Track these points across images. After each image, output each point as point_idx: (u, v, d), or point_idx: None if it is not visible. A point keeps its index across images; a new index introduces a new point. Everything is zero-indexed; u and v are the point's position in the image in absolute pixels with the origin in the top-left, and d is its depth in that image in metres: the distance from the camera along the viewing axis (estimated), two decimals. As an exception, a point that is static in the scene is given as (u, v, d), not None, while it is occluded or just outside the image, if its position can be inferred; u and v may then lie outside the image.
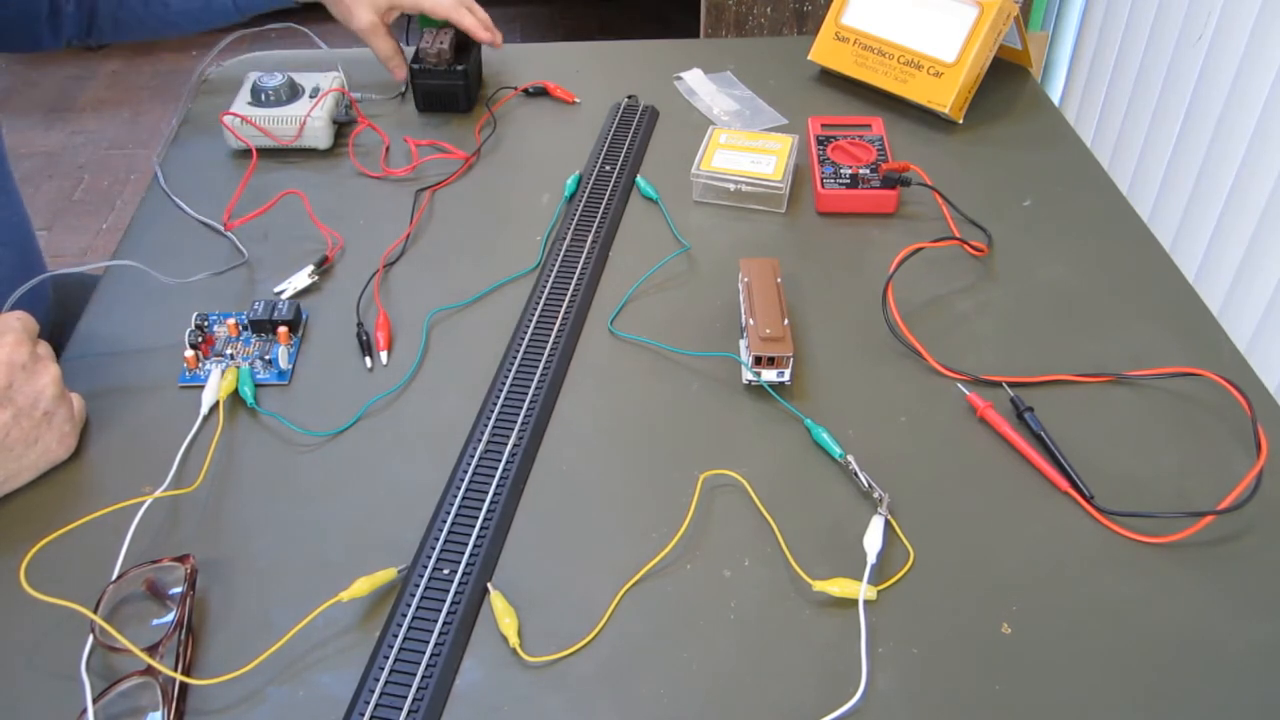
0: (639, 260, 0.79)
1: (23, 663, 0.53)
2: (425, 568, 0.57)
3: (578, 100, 0.97)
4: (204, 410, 0.66)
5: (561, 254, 0.79)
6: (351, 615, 0.55)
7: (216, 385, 0.66)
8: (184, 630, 0.53)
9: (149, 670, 0.50)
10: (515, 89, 0.99)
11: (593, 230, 0.81)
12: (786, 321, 0.67)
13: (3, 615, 0.55)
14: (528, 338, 0.71)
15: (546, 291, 0.75)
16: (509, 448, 0.63)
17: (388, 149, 0.91)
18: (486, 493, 0.61)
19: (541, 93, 0.99)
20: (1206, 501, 0.60)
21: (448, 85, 0.94)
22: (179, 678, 0.51)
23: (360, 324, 0.72)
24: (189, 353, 0.69)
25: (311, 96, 0.91)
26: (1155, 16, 1.39)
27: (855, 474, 0.61)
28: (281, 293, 0.75)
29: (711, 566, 0.57)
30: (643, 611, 0.55)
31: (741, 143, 0.86)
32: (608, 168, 0.88)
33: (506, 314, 0.74)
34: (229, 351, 0.70)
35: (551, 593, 0.56)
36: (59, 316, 0.74)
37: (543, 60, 1.04)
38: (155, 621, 0.54)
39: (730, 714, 0.50)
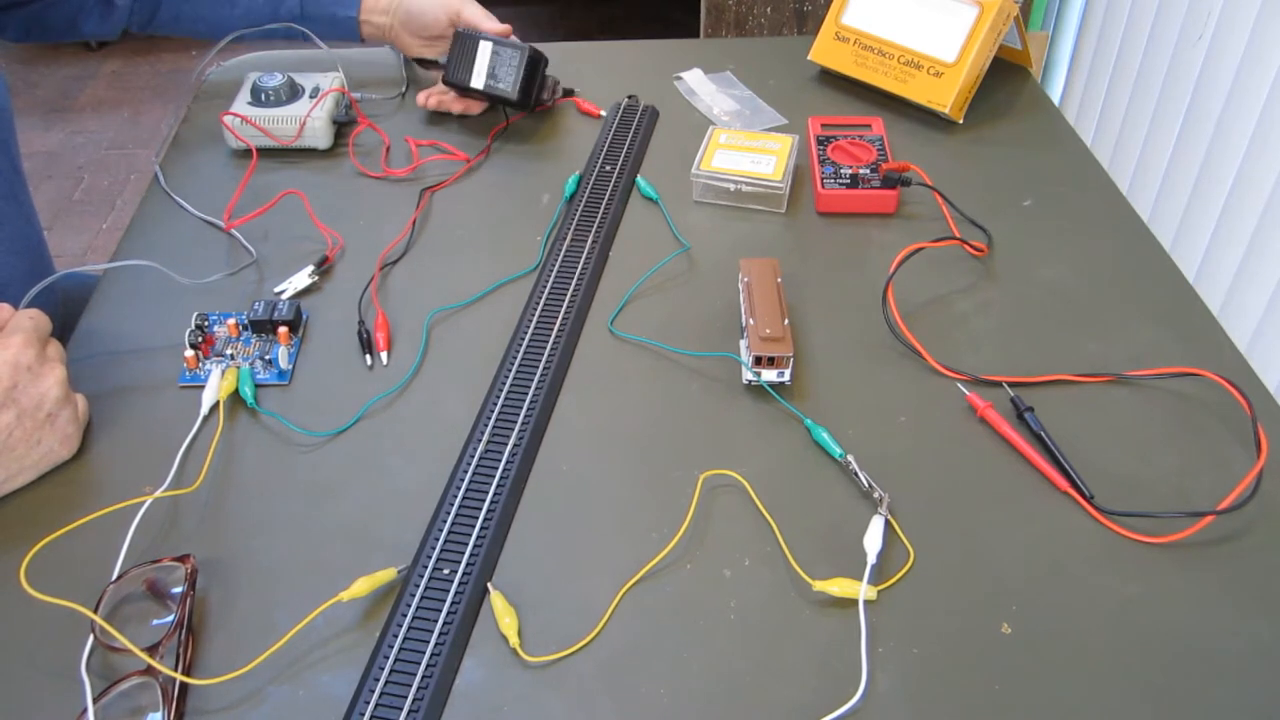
0: (639, 260, 0.79)
1: (23, 663, 0.53)
2: (425, 568, 0.57)
3: (603, 114, 0.96)
4: (204, 410, 0.66)
5: (561, 254, 0.79)
6: (351, 615, 0.55)
7: (217, 385, 0.66)
8: (184, 630, 0.53)
9: (149, 670, 0.50)
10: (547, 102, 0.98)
11: (593, 230, 0.81)
12: (786, 321, 0.67)
13: (3, 615, 0.55)
14: (528, 338, 0.71)
15: (546, 291, 0.75)
16: (509, 448, 0.63)
17: (388, 149, 0.91)
18: (486, 493, 0.61)
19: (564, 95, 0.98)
20: (1206, 501, 0.60)
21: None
22: (179, 678, 0.51)
23: (361, 321, 0.73)
24: (189, 353, 0.69)
25: (311, 96, 0.91)
26: (1155, 16, 1.39)
27: (855, 474, 0.61)
28: (282, 293, 0.75)
29: (711, 566, 0.57)
30: (643, 611, 0.55)
31: (741, 143, 0.86)
32: (608, 168, 0.88)
33: (506, 314, 0.74)
34: (229, 351, 0.70)
35: (551, 593, 0.56)
36: (66, 316, 0.75)
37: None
38: (155, 621, 0.54)
39: (730, 714, 0.50)
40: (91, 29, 0.91)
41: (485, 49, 0.89)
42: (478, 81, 0.89)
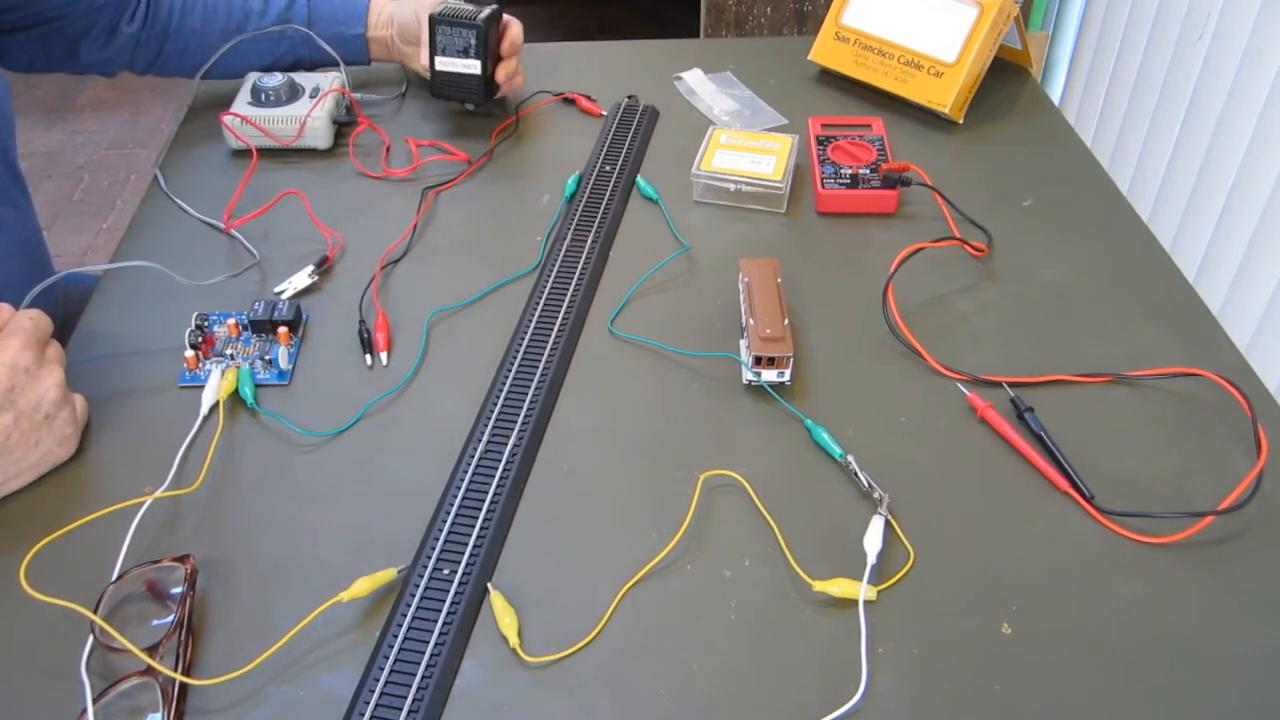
0: (639, 260, 0.79)
1: (23, 663, 0.53)
2: (425, 568, 0.57)
3: (603, 114, 0.96)
4: (204, 410, 0.66)
5: (561, 254, 0.79)
6: (351, 615, 0.55)
7: (216, 385, 0.66)
8: (184, 630, 0.53)
9: (149, 670, 0.50)
10: (550, 96, 0.98)
11: (593, 230, 0.81)
12: (786, 321, 0.67)
13: (3, 615, 0.55)
14: (528, 338, 0.71)
15: (546, 291, 0.75)
16: (509, 448, 0.63)
17: (388, 149, 0.91)
18: (486, 493, 0.61)
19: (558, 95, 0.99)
20: (1206, 501, 0.60)
21: (464, 75, 0.90)
22: (179, 678, 0.51)
23: (362, 320, 0.73)
24: (189, 353, 0.69)
25: (311, 96, 0.91)
26: (1155, 16, 1.39)
27: (855, 474, 0.61)
28: (282, 293, 0.75)
29: (711, 566, 0.57)
30: (643, 611, 0.55)
31: (741, 143, 0.86)
32: (608, 168, 0.88)
33: (506, 314, 0.74)
34: (229, 351, 0.70)
35: (551, 593, 0.56)
36: (66, 316, 0.75)
37: (542, 60, 1.04)
38: (155, 621, 0.54)
39: (730, 714, 0.50)
40: (92, 57, 0.91)
41: (444, 64, 0.90)
42: (473, 66, 0.90)
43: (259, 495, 0.61)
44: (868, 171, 0.84)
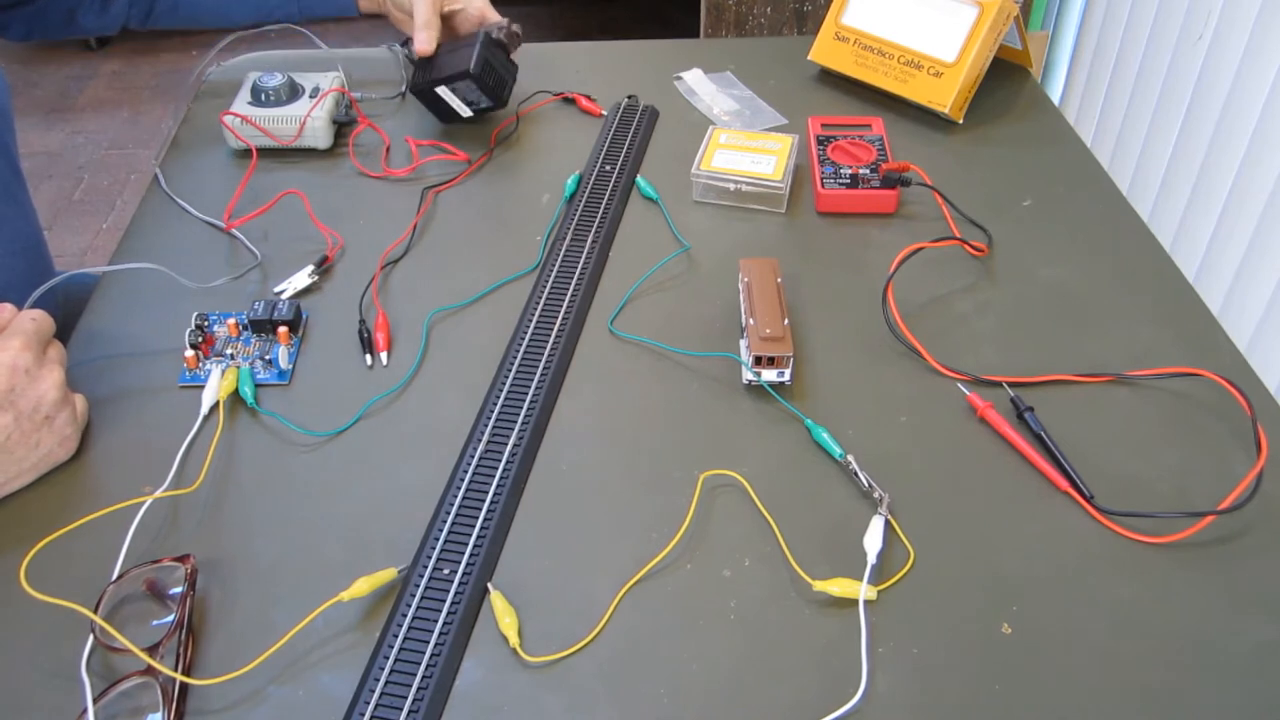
0: (639, 260, 0.79)
1: (23, 663, 0.53)
2: (425, 568, 0.57)
3: (603, 114, 0.96)
4: (204, 410, 0.66)
5: (561, 254, 0.79)
6: (351, 615, 0.55)
7: (216, 385, 0.66)
8: (184, 630, 0.53)
9: (149, 670, 0.50)
10: (550, 96, 0.98)
11: (593, 230, 0.81)
12: (786, 321, 0.67)
13: (3, 615, 0.55)
14: (528, 338, 0.71)
15: (546, 291, 0.75)
16: (509, 448, 0.63)
17: (388, 149, 0.91)
18: (486, 493, 0.61)
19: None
20: (1206, 501, 0.60)
21: (501, 77, 0.90)
22: (179, 678, 0.51)
23: (362, 320, 0.73)
24: (189, 353, 0.69)
25: (311, 96, 0.91)
26: (1155, 16, 1.39)
27: (855, 474, 0.61)
28: (282, 293, 0.75)
29: (711, 566, 0.57)
30: (643, 611, 0.55)
31: (741, 143, 0.86)
32: (608, 168, 0.88)
33: (506, 314, 0.74)
34: (229, 351, 0.70)
35: (551, 593, 0.56)
36: (66, 316, 0.75)
37: (542, 60, 1.04)
38: (155, 622, 0.54)
39: (730, 714, 0.50)
40: (90, 23, 0.91)
41: (446, 95, 0.90)
42: (471, 110, 0.91)
43: (259, 495, 0.61)
44: (868, 171, 0.84)
